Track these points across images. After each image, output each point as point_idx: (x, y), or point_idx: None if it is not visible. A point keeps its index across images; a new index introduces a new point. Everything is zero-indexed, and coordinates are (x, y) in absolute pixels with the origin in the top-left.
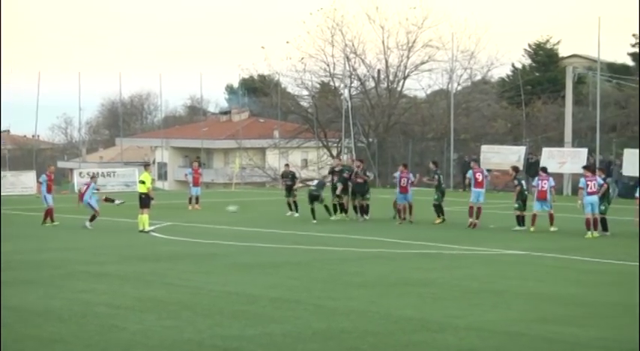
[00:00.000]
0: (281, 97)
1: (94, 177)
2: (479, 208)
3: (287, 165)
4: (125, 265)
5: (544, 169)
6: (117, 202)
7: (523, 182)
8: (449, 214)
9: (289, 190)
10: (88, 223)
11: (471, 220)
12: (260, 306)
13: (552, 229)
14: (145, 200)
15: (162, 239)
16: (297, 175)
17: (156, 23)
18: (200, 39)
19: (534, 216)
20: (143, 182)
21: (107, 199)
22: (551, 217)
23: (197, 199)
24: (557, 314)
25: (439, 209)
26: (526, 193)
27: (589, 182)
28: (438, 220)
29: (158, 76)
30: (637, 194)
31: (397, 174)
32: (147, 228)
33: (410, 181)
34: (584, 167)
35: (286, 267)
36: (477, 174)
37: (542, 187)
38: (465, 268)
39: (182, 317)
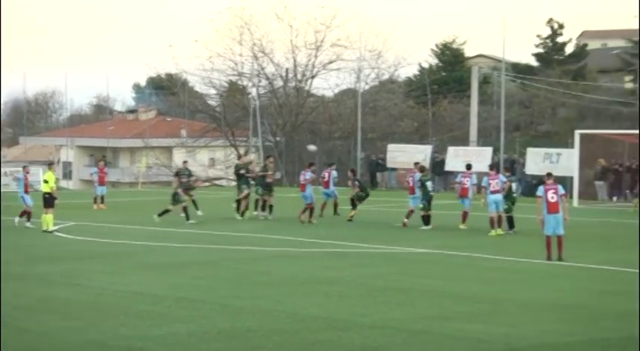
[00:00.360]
0: (189, 96)
1: (26, 167)
2: (497, 217)
3: (185, 162)
4: (29, 265)
5: (469, 167)
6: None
7: (428, 183)
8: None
9: (188, 189)
10: (17, 219)
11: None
12: (165, 306)
13: (462, 226)
14: (48, 200)
15: (67, 239)
16: (194, 172)
17: (61, 21)
18: (106, 37)
19: (495, 217)
20: (46, 182)
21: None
22: (464, 215)
23: (102, 198)
24: (461, 311)
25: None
26: (431, 193)
27: (491, 181)
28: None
29: (63, 74)
30: (538, 193)
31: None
32: (51, 228)
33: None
34: (490, 166)
35: (192, 267)
36: (466, 179)
37: (465, 183)
38: (372, 266)
39: (86, 318)
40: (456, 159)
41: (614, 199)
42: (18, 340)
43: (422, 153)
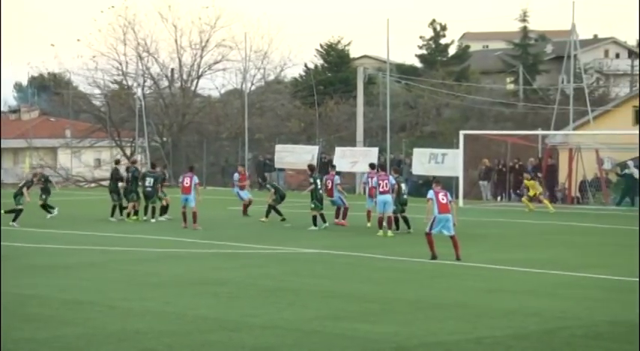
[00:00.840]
0: (73, 96)
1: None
2: (387, 217)
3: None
4: None
5: (372, 166)
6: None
7: (318, 181)
8: (239, 213)
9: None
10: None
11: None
12: (52, 308)
13: (368, 224)
14: None
15: None
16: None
17: None
18: None
19: (369, 212)
20: None
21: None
22: (389, 219)
23: None
24: (350, 311)
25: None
26: (321, 192)
27: (380, 182)
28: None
29: None
30: (428, 196)
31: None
32: None
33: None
34: (370, 165)
35: (79, 268)
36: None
37: (372, 184)
38: (261, 266)
39: None
40: (343, 159)
41: (499, 198)
42: None
43: (309, 153)
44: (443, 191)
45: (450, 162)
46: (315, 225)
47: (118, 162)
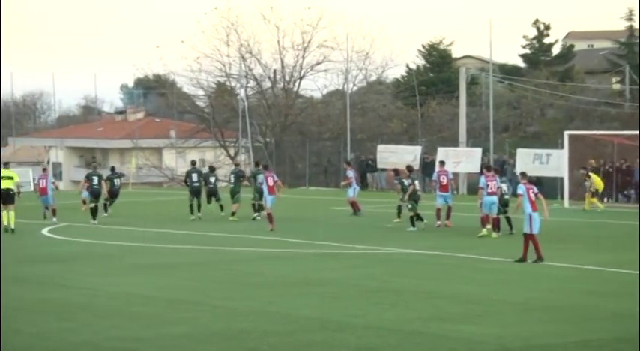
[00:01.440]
0: (177, 97)
1: (46, 169)
2: (448, 208)
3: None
4: (21, 266)
5: (488, 168)
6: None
7: (417, 182)
8: (342, 213)
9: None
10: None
11: (439, 222)
12: (158, 307)
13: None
14: (13, 197)
15: (59, 240)
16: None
17: (49, 21)
18: (94, 38)
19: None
20: (12, 178)
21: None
22: (495, 220)
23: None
24: (454, 312)
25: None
26: (419, 193)
27: (489, 182)
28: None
29: (51, 75)
30: (519, 191)
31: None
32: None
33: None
34: (486, 167)
35: (184, 268)
36: (442, 177)
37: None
38: (364, 267)
39: (79, 319)
40: (445, 160)
41: (605, 199)
42: (13, 341)
43: (411, 154)
44: (532, 187)
45: (555, 162)
46: (414, 226)
47: (238, 164)
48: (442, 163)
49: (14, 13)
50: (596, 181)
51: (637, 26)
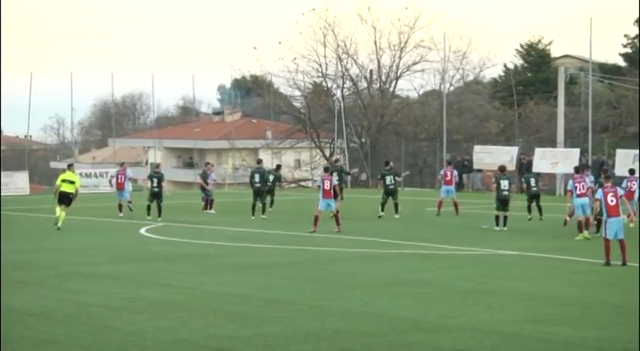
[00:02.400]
0: (273, 98)
1: (123, 164)
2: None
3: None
4: (117, 265)
5: (632, 171)
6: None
7: (501, 181)
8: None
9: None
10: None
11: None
12: (253, 307)
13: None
14: (69, 199)
15: (155, 240)
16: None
17: (148, 23)
18: (192, 39)
19: (582, 221)
20: (73, 182)
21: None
22: (587, 221)
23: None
24: (550, 314)
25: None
26: (505, 193)
27: (577, 184)
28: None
29: (150, 76)
30: (597, 196)
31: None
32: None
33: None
34: (575, 169)
35: (279, 267)
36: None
37: (632, 188)
38: (459, 268)
39: (176, 318)
40: (543, 160)
41: None
42: (107, 339)
43: (508, 154)
44: (613, 190)
45: None
46: (497, 225)
47: (337, 161)
48: (449, 162)
49: (115, 16)
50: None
51: None
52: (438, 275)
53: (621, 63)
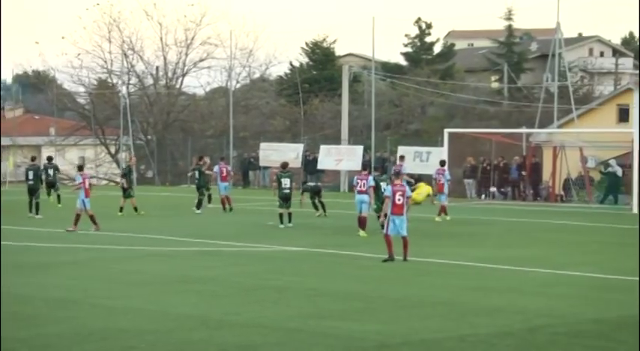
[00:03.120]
0: (57, 94)
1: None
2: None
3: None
4: None
5: (442, 163)
6: None
7: (287, 180)
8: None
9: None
10: None
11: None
12: (34, 307)
13: (438, 219)
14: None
15: None
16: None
17: None
18: None
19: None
20: None
21: None
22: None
23: None
24: (334, 309)
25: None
26: (286, 191)
27: (359, 181)
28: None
29: None
30: (386, 193)
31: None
32: None
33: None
34: (363, 166)
35: (63, 266)
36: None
37: (440, 180)
38: (245, 265)
39: None
40: (328, 158)
41: (483, 196)
42: None
43: (294, 151)
44: (402, 189)
45: (435, 160)
46: (282, 223)
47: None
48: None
49: None
50: (420, 191)
51: (515, 26)
52: (223, 272)
53: (403, 62)
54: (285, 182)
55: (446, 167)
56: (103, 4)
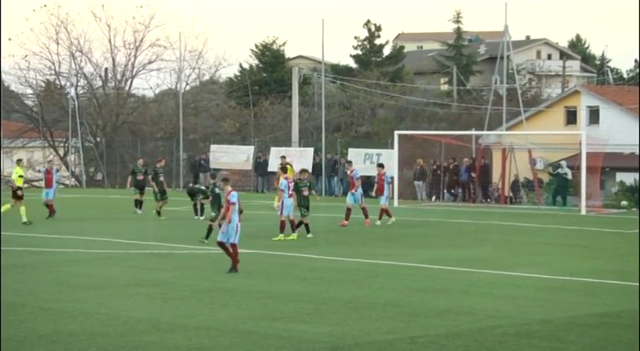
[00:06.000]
0: (4, 96)
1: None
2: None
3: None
4: None
5: (381, 165)
6: None
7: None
8: (177, 214)
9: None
10: None
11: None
12: None
13: (378, 222)
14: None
15: None
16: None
17: None
18: None
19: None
20: (21, 176)
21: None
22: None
23: None
24: (285, 311)
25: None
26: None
27: (290, 184)
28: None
29: None
30: (232, 199)
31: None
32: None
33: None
34: (300, 171)
35: (10, 270)
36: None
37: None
38: (196, 267)
39: None
40: (278, 160)
41: (434, 198)
42: None
43: (244, 154)
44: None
45: (385, 162)
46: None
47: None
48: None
49: None
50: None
51: (464, 28)
52: (174, 275)
53: (352, 64)
54: (305, 191)
55: (384, 170)
56: (51, 6)
